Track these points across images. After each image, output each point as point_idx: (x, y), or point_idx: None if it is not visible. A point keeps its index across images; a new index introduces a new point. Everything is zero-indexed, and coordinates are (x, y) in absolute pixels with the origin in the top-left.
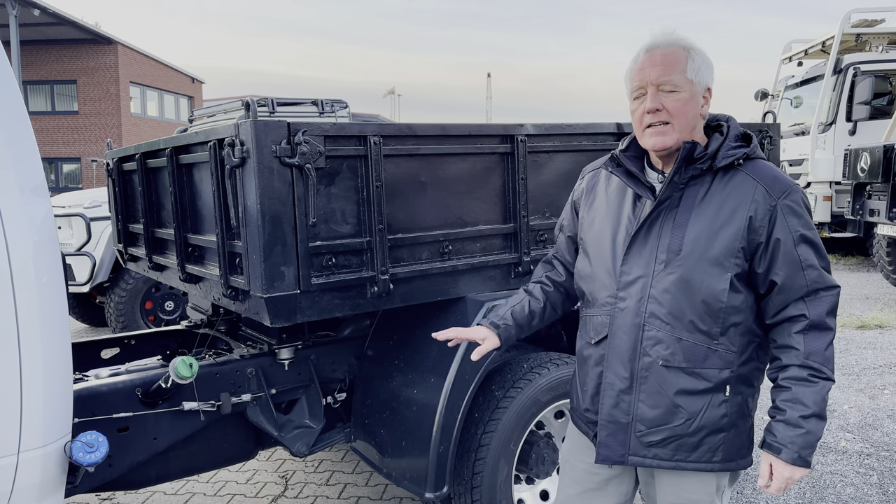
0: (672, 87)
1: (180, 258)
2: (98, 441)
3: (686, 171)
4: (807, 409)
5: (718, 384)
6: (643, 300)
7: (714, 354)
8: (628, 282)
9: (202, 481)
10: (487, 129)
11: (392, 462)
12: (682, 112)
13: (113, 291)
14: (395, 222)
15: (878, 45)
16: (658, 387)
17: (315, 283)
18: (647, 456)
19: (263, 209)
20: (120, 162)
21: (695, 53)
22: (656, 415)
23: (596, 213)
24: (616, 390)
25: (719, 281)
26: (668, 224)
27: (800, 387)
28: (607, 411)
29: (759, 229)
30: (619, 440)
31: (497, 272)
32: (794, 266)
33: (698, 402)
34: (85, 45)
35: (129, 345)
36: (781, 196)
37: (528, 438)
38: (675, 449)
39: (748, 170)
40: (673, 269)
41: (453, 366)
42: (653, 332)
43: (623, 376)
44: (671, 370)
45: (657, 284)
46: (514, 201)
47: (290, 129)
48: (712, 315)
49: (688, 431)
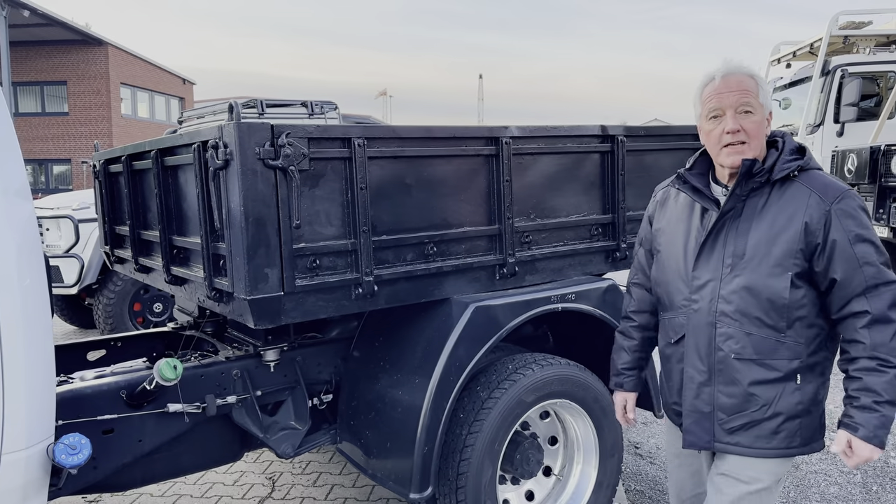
0: (749, 110)
1: (165, 260)
2: (81, 443)
3: (746, 185)
4: (879, 396)
5: (789, 373)
6: (714, 301)
7: (782, 346)
8: (699, 285)
9: (189, 483)
10: (472, 132)
11: (377, 463)
12: (758, 132)
13: (101, 293)
14: (380, 224)
15: (865, 47)
16: (733, 378)
17: (299, 284)
18: (730, 443)
19: (247, 211)
20: (106, 164)
21: (762, 82)
22: (734, 403)
23: (668, 226)
24: (696, 383)
25: (780, 280)
26: (732, 232)
27: (870, 376)
28: (690, 402)
29: (815, 232)
30: (703, 427)
31: (482, 273)
32: (851, 264)
33: (771, 391)
34: (75, 47)
35: (115, 347)
36: (834, 201)
37: (513, 439)
38: (755, 437)
39: (802, 180)
40: (738, 272)
41: (438, 367)
42: (724, 328)
43: (701, 370)
44: (743, 362)
45: (725, 286)
46: (499, 203)
47: (273, 132)
48: (777, 311)
49: (765, 416)
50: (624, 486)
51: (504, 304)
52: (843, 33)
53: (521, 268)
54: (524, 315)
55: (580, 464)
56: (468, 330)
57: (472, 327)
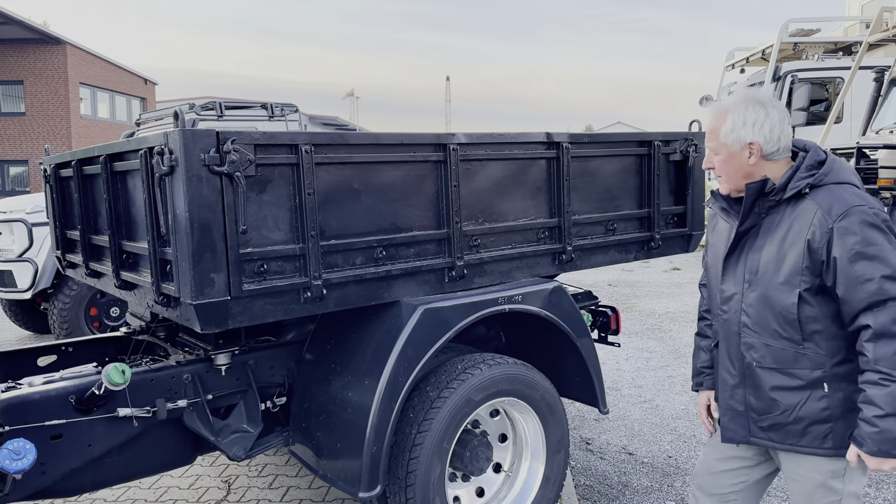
0: (714, 151)
1: (115, 265)
2: (25, 448)
3: (764, 203)
4: (880, 409)
5: (812, 382)
6: (738, 312)
7: (803, 357)
8: (727, 297)
9: (144, 487)
10: (420, 139)
11: (327, 463)
12: (724, 170)
13: (56, 298)
14: (329, 228)
15: (814, 53)
16: (757, 383)
17: (246, 289)
18: (765, 438)
19: (192, 217)
20: (57, 168)
21: (729, 117)
22: (760, 405)
23: (713, 238)
24: (729, 385)
25: (789, 296)
26: (749, 249)
27: (873, 389)
28: (725, 402)
29: (818, 250)
30: (739, 424)
31: (431, 276)
32: (852, 281)
33: (794, 397)
34: (32, 45)
35: (66, 352)
36: (837, 219)
37: (463, 437)
38: (785, 434)
39: (814, 196)
40: (754, 288)
41: (387, 368)
42: (747, 338)
43: (733, 373)
44: (764, 370)
45: (745, 300)
46: (447, 207)
47: (218, 138)
48: (790, 324)
49: (788, 420)
50: (574, 482)
51: (452, 306)
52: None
53: (470, 270)
54: (472, 316)
55: (528, 460)
56: (417, 331)
57: (420, 329)
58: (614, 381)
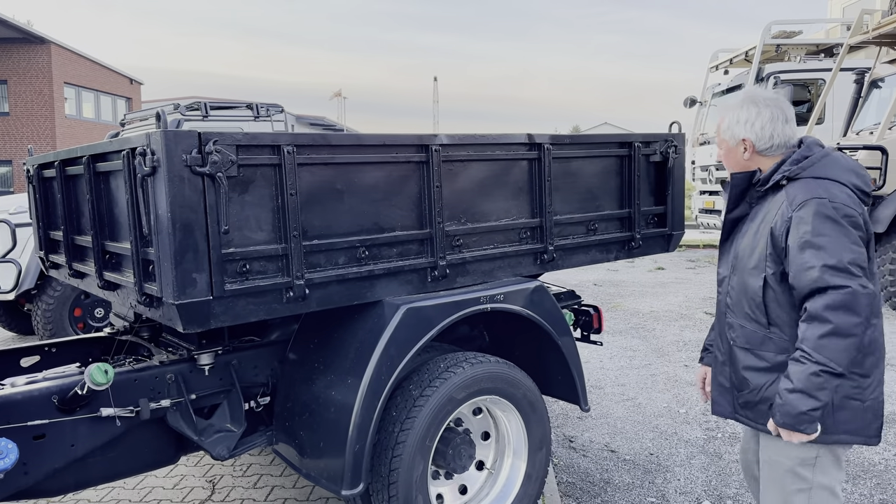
0: (718, 146)
1: (98, 265)
2: (7, 448)
3: (754, 193)
4: (791, 384)
5: (777, 365)
6: (725, 294)
7: (769, 341)
8: (720, 280)
9: (128, 487)
10: (402, 140)
11: (311, 462)
12: (726, 162)
13: (40, 299)
14: (311, 229)
15: (796, 55)
16: (734, 362)
17: (229, 289)
18: (744, 416)
19: (174, 217)
20: (40, 168)
21: (727, 116)
22: (737, 383)
23: None
24: (719, 362)
25: (756, 280)
26: (737, 234)
27: (793, 365)
28: (715, 377)
29: (779, 237)
30: (726, 399)
31: (414, 276)
32: (798, 268)
33: (761, 378)
34: (16, 45)
35: (49, 353)
36: (797, 208)
37: (446, 435)
38: (756, 413)
39: (788, 188)
40: (736, 272)
41: (370, 367)
42: (729, 318)
43: (722, 351)
44: (740, 349)
45: (730, 282)
46: (430, 208)
47: (200, 139)
48: (758, 308)
49: (756, 399)
50: (557, 479)
51: (435, 306)
52: (776, 42)
53: (453, 270)
54: (454, 315)
55: (510, 457)
56: (399, 331)
57: (403, 328)
58: (598, 379)
